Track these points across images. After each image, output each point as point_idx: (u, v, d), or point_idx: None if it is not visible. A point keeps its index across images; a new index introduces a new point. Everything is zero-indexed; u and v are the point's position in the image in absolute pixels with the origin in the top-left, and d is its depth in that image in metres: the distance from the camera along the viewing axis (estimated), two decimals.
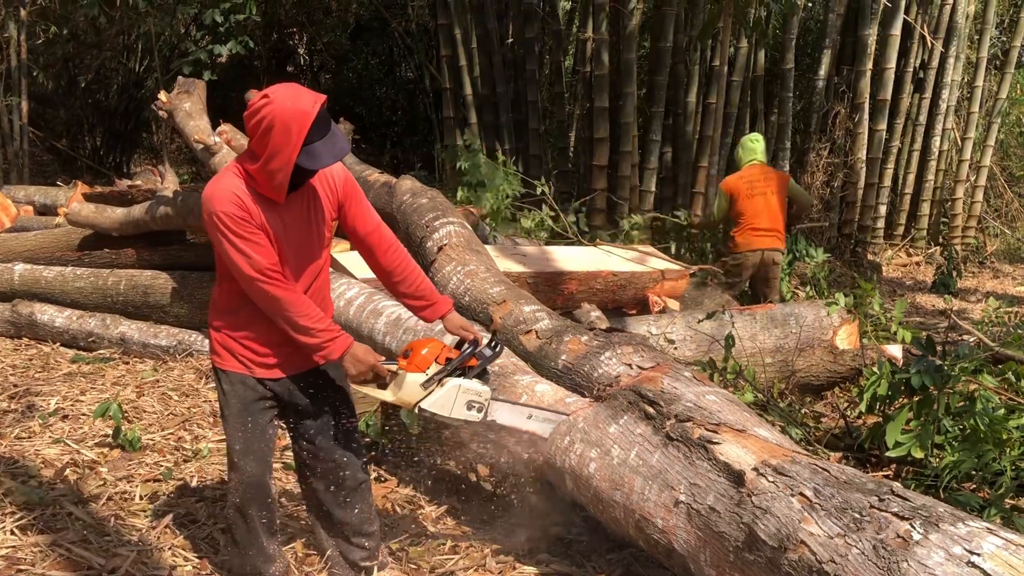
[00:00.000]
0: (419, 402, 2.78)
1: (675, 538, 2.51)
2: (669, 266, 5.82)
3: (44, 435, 4.44)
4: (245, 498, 2.83)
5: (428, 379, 2.77)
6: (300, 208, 2.71)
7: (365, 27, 14.74)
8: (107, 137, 14.95)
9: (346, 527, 3.01)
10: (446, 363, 2.80)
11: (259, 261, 2.57)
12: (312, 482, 2.99)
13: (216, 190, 2.60)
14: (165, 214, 6.05)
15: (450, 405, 2.80)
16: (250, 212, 2.58)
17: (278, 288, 2.61)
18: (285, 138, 2.47)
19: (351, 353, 2.70)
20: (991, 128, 10.90)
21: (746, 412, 2.96)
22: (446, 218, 4.93)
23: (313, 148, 2.51)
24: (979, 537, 1.89)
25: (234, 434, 2.81)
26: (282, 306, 2.62)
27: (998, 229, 11.54)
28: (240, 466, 2.81)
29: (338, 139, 2.57)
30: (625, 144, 9.32)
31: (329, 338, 2.66)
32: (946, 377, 3.55)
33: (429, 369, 2.78)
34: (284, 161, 2.50)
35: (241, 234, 2.56)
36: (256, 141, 2.53)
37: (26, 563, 3.08)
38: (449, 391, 2.80)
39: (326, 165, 2.58)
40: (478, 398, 2.84)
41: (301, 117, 2.47)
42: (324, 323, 2.67)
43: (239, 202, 2.56)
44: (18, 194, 9.39)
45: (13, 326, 6.46)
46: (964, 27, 10.45)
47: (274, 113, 2.47)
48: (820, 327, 4.98)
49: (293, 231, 2.69)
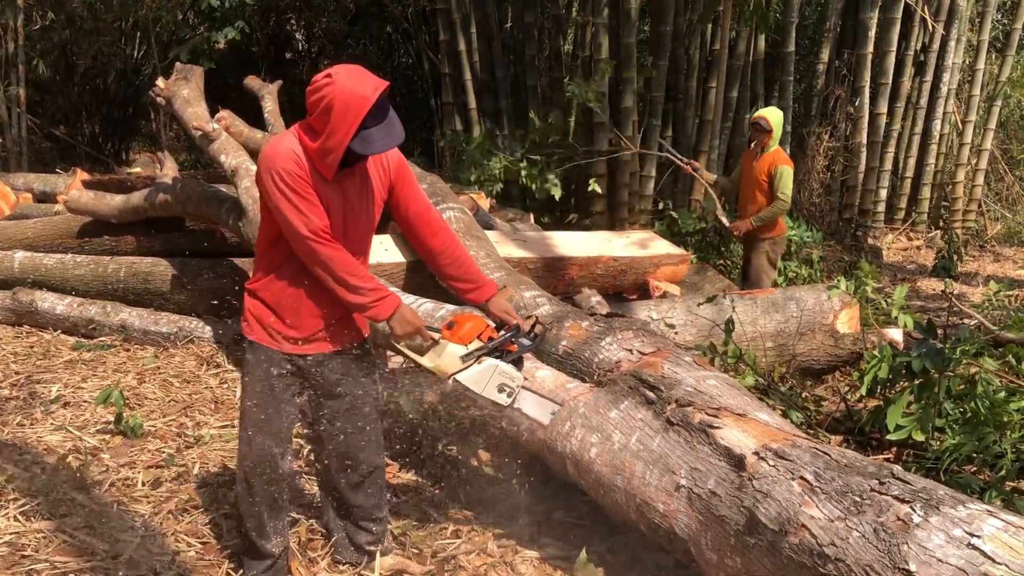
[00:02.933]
0: (455, 373, 2.80)
1: (676, 522, 2.52)
2: (670, 251, 5.82)
3: (46, 422, 4.45)
4: (252, 470, 2.84)
5: (468, 353, 2.80)
6: (353, 187, 2.73)
7: (363, 12, 14.66)
8: (105, 124, 14.90)
9: (356, 510, 3.03)
10: (488, 342, 2.83)
11: (313, 221, 2.59)
12: (328, 463, 3.01)
13: (278, 148, 2.62)
14: (164, 201, 6.05)
15: (484, 383, 2.83)
16: (307, 174, 2.60)
17: (329, 247, 2.62)
18: (342, 120, 2.49)
19: (399, 313, 2.73)
20: (992, 111, 10.86)
21: (747, 396, 2.97)
22: (446, 203, 4.93)
23: (368, 133, 2.53)
24: (979, 519, 1.90)
25: (251, 404, 2.82)
26: (334, 266, 2.63)
27: (999, 212, 11.52)
28: (254, 440, 2.82)
29: (394, 126, 2.59)
30: (625, 129, 9.30)
31: (378, 297, 2.69)
32: (947, 360, 3.55)
33: (471, 344, 2.81)
34: (338, 142, 2.52)
35: (299, 191, 2.58)
36: (315, 118, 2.56)
37: (30, 549, 3.09)
38: (486, 369, 2.82)
39: (379, 152, 2.61)
40: (511, 383, 2.87)
41: (360, 102, 2.49)
42: (373, 283, 2.69)
43: (299, 161, 2.59)
44: (17, 182, 9.36)
45: (14, 314, 6.46)
46: (965, 10, 10.39)
47: (334, 94, 2.49)
48: (821, 311, 4.98)
49: (344, 208, 2.71)
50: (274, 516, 2.93)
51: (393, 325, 2.74)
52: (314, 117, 2.56)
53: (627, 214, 9.51)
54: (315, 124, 2.57)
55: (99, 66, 14.67)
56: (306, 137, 2.60)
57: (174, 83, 6.50)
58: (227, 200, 5.48)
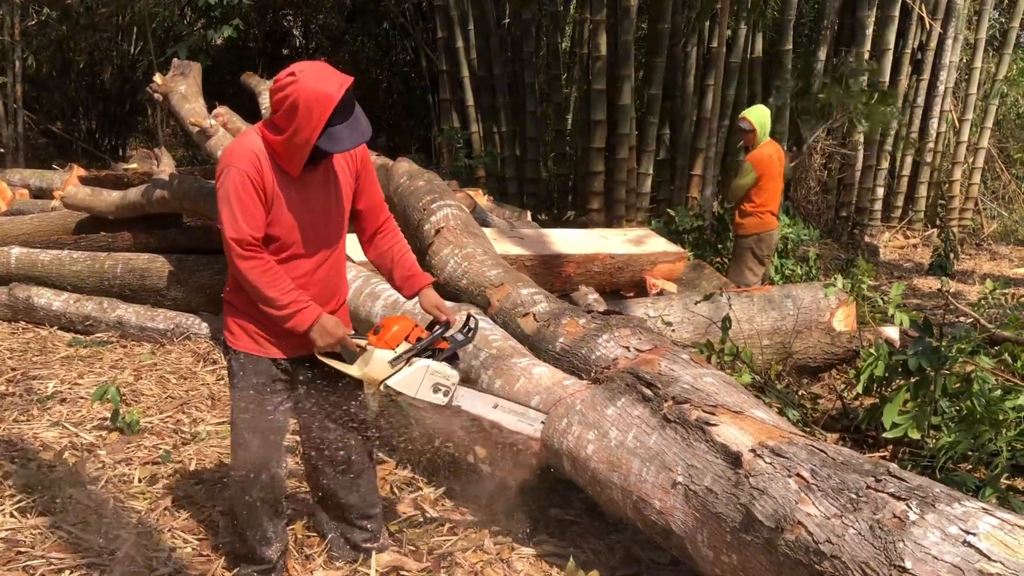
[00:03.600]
0: (385, 379, 2.74)
1: (673, 519, 2.52)
2: (666, 248, 5.82)
3: (42, 418, 4.44)
4: (248, 478, 2.82)
5: (396, 357, 2.73)
6: (320, 182, 2.71)
7: (361, 8, 14.64)
8: (102, 120, 14.89)
9: (350, 509, 3.02)
10: (416, 342, 2.76)
11: (243, 229, 2.55)
12: (318, 464, 3.00)
13: (237, 146, 2.61)
14: (161, 197, 6.04)
15: (416, 385, 2.76)
16: (263, 178, 2.57)
17: (250, 258, 2.58)
18: (307, 119, 2.47)
19: (320, 324, 2.66)
20: (989, 110, 10.88)
21: (743, 394, 2.97)
22: (443, 201, 4.92)
23: (335, 131, 2.51)
24: (975, 517, 1.90)
25: (241, 413, 2.80)
26: (252, 275, 2.59)
27: (995, 211, 11.54)
28: (246, 445, 2.80)
29: (360, 123, 2.57)
30: (623, 126, 9.30)
31: (297, 308, 2.63)
32: (943, 359, 3.56)
33: (398, 347, 2.74)
34: (304, 140, 2.50)
35: (243, 197, 2.55)
36: (279, 116, 2.53)
37: (26, 545, 3.09)
38: (416, 371, 2.76)
39: (346, 150, 2.58)
40: (445, 381, 2.80)
41: (325, 100, 2.46)
42: (293, 295, 2.63)
43: (256, 164, 2.57)
44: (14, 177, 9.35)
45: (10, 310, 6.45)
46: (963, 8, 10.40)
47: (298, 92, 2.47)
48: (817, 309, 4.99)
49: (312, 204, 2.70)
50: (274, 522, 2.92)
51: (314, 337, 2.67)
52: (279, 115, 2.53)
53: (624, 211, 9.52)
54: (279, 122, 2.54)
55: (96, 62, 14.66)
56: (270, 135, 2.57)
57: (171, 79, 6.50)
58: None
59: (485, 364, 3.43)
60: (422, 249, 4.75)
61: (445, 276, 4.46)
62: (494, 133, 10.43)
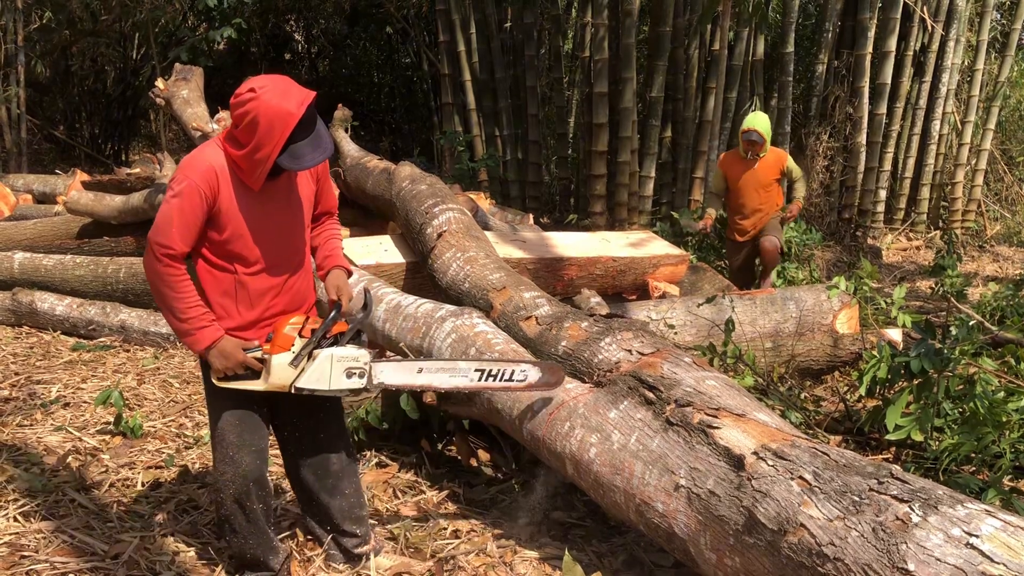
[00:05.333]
0: (293, 382, 2.64)
1: (675, 522, 2.52)
2: (669, 251, 5.82)
3: (46, 423, 4.45)
4: (243, 491, 2.77)
5: (296, 357, 2.62)
6: (282, 194, 2.69)
7: (362, 13, 14.68)
8: (105, 125, 14.92)
9: (334, 514, 3.00)
10: (311, 335, 2.65)
11: (174, 238, 2.51)
12: (299, 470, 2.98)
13: (197, 157, 2.58)
14: None
15: (327, 378, 2.64)
16: (219, 193, 2.55)
17: (166, 265, 2.53)
18: (267, 136, 2.46)
19: (218, 347, 2.59)
20: (991, 111, 10.87)
21: (746, 397, 2.97)
22: (445, 204, 4.92)
23: (296, 148, 2.50)
24: (978, 519, 1.90)
25: (228, 427, 2.75)
26: (162, 282, 2.54)
27: (998, 212, 11.52)
28: (236, 459, 2.75)
29: (322, 139, 2.55)
30: (625, 130, 9.31)
31: (198, 326, 2.57)
32: (946, 360, 3.56)
33: (294, 346, 2.64)
34: (265, 156, 2.49)
35: (184, 204, 2.52)
36: (240, 131, 2.51)
37: (29, 549, 3.09)
38: (321, 363, 2.63)
39: (307, 167, 2.56)
40: (356, 363, 2.67)
41: (285, 118, 2.45)
42: (198, 311, 2.58)
43: (214, 179, 2.54)
44: (17, 183, 9.38)
45: (13, 314, 6.47)
46: (964, 10, 10.40)
47: (258, 110, 2.45)
48: (820, 311, 4.99)
49: (273, 217, 2.67)
50: (273, 530, 2.92)
51: (212, 360, 2.61)
52: (239, 130, 2.51)
53: (626, 214, 9.52)
54: (240, 137, 2.52)
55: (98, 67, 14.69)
56: (231, 149, 2.55)
57: (173, 84, 6.50)
58: None
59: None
60: (425, 253, 4.75)
61: (447, 280, 4.46)
62: (496, 136, 10.44)
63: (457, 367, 2.88)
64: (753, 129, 6.59)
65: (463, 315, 3.79)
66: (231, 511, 2.81)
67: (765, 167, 6.75)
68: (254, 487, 2.79)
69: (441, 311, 3.88)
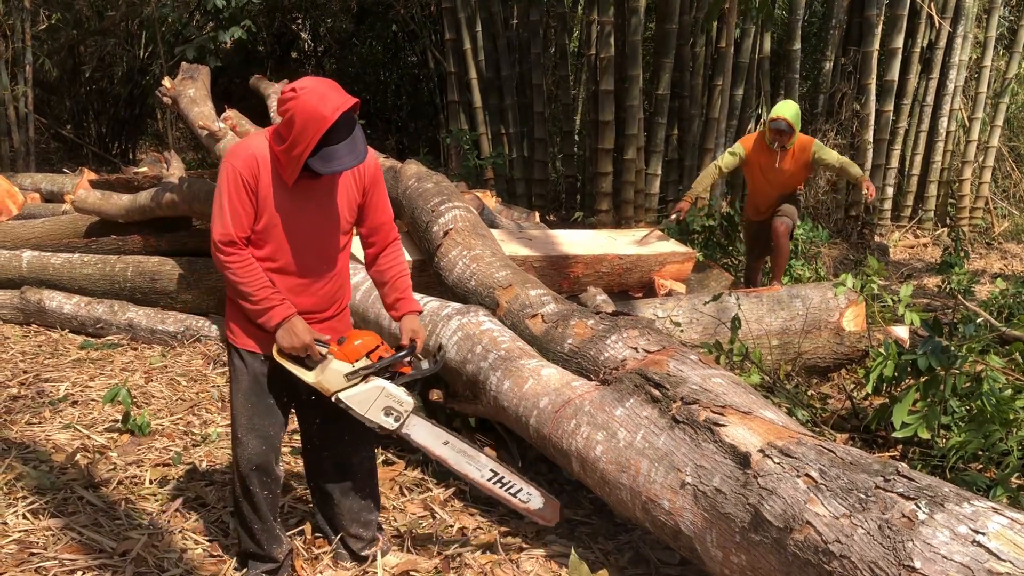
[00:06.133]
0: (338, 392, 2.72)
1: (681, 519, 2.52)
2: (675, 249, 5.82)
3: (54, 421, 4.47)
4: (248, 473, 2.85)
5: (353, 371, 2.70)
6: (320, 194, 2.73)
7: (369, 11, 14.68)
8: (112, 124, 14.95)
9: (345, 515, 3.03)
10: (377, 361, 2.73)
11: (228, 227, 2.61)
12: (320, 465, 3.01)
13: (242, 146, 2.67)
14: (171, 200, 6.07)
15: (367, 404, 2.73)
16: (259, 180, 2.62)
17: (233, 257, 2.63)
18: (301, 136, 2.52)
19: (289, 324, 2.68)
20: (999, 108, 10.81)
21: (752, 394, 2.97)
22: (451, 202, 4.93)
23: (329, 151, 2.54)
24: (984, 516, 1.90)
25: (240, 410, 2.84)
26: (230, 272, 2.64)
27: (1006, 209, 11.47)
28: (244, 442, 2.83)
29: (357, 146, 2.58)
30: (631, 127, 9.29)
31: (269, 306, 2.66)
32: (953, 358, 3.55)
33: (357, 362, 2.71)
34: (298, 155, 2.55)
35: (235, 195, 2.61)
36: (282, 126, 2.59)
37: (38, 547, 3.11)
38: (371, 390, 2.73)
39: (336, 171, 2.60)
40: (398, 407, 2.77)
41: (319, 121, 2.50)
42: (267, 291, 2.66)
43: (254, 166, 2.62)
44: (25, 182, 9.41)
45: (22, 313, 6.50)
46: (972, 6, 10.35)
47: (296, 109, 2.52)
48: (827, 309, 4.98)
49: (306, 217, 2.72)
50: (278, 520, 2.95)
51: (279, 336, 2.69)
52: (282, 125, 2.59)
53: (633, 212, 9.51)
54: (282, 132, 2.60)
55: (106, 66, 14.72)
56: (274, 142, 2.63)
57: (180, 83, 6.52)
58: None
59: (494, 366, 3.43)
60: (431, 251, 4.76)
61: (454, 278, 4.46)
62: (502, 134, 10.44)
63: (478, 459, 2.97)
64: (781, 118, 6.07)
65: (469, 313, 3.80)
66: (239, 494, 2.90)
67: (789, 158, 6.27)
68: (256, 473, 2.85)
69: (447, 309, 3.89)
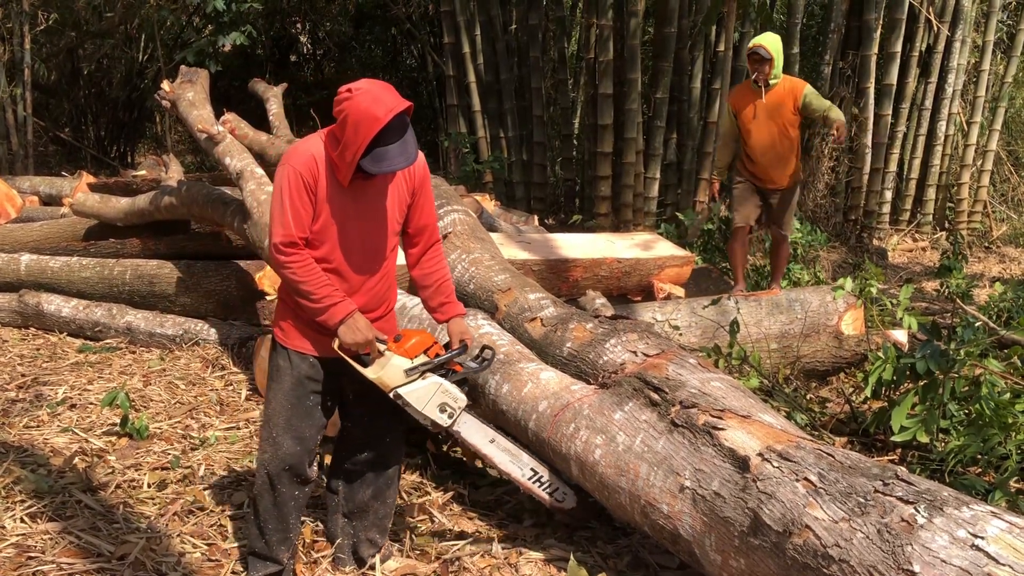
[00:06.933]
0: (398, 387, 2.78)
1: (681, 523, 2.52)
2: (674, 252, 5.82)
3: (52, 424, 4.46)
4: (278, 473, 2.85)
5: (413, 367, 2.77)
6: (374, 194, 2.76)
7: (368, 15, 14.70)
8: (111, 127, 14.95)
9: (371, 516, 3.05)
10: (434, 358, 2.81)
11: (289, 228, 2.63)
12: (355, 464, 3.03)
13: (300, 147, 2.70)
14: (170, 204, 6.06)
15: (425, 400, 2.80)
16: (317, 181, 2.65)
17: (293, 260, 2.65)
18: (354, 136, 2.54)
19: (351, 319, 2.70)
20: (997, 112, 10.83)
21: (751, 398, 2.97)
22: (450, 206, 4.92)
23: (381, 152, 2.56)
24: (983, 520, 1.90)
25: (279, 409, 2.84)
26: (289, 272, 2.66)
27: (1004, 213, 11.49)
28: (279, 442, 2.84)
29: (408, 148, 2.60)
30: (630, 131, 9.31)
31: (331, 303, 2.68)
32: (951, 362, 3.55)
33: (416, 359, 2.78)
34: (351, 156, 2.57)
35: (295, 195, 2.63)
36: (336, 127, 2.62)
37: (36, 550, 3.10)
38: (429, 386, 2.80)
39: (386, 172, 2.62)
40: (453, 403, 2.85)
41: (371, 122, 2.52)
42: (328, 289, 2.69)
43: (314, 167, 2.65)
44: (23, 184, 9.39)
45: (20, 316, 6.49)
46: (970, 10, 10.37)
47: (349, 110, 2.55)
48: (825, 312, 4.98)
49: (361, 216, 2.75)
50: (295, 523, 2.95)
51: (342, 331, 2.71)
52: (336, 126, 2.63)
53: (631, 216, 9.52)
54: (336, 132, 2.63)
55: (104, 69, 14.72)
56: (329, 143, 2.66)
57: (179, 86, 6.51)
58: (232, 203, 5.49)
59: (493, 369, 3.43)
60: None
61: (452, 281, 4.46)
62: (501, 138, 10.44)
63: (521, 457, 3.11)
64: (759, 45, 5.59)
65: (468, 316, 3.79)
66: (261, 491, 2.89)
67: (776, 98, 5.73)
68: (288, 473, 2.86)
69: None
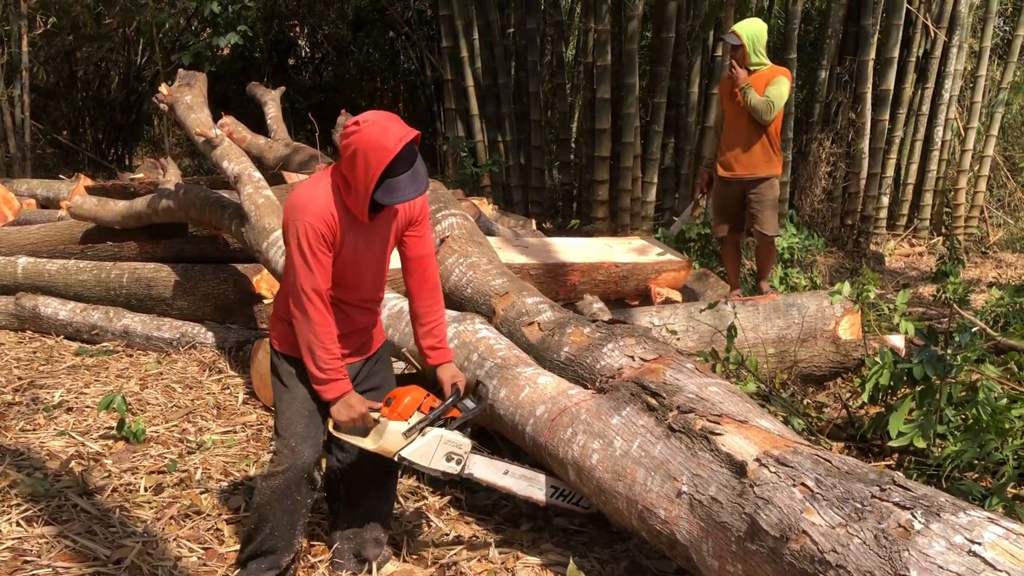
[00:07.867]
0: (400, 451, 2.80)
1: (678, 529, 2.52)
2: (671, 257, 5.82)
3: (49, 427, 4.46)
4: (297, 481, 2.84)
5: (410, 428, 2.79)
6: (383, 227, 2.79)
7: (366, 18, 14.71)
8: (108, 130, 14.95)
9: (375, 515, 3.06)
10: (429, 412, 2.82)
11: (317, 281, 2.64)
12: (356, 469, 3.03)
13: (311, 199, 2.65)
14: (167, 207, 6.06)
15: (430, 455, 2.82)
16: (334, 231, 2.65)
17: (318, 312, 2.66)
18: (365, 170, 2.55)
19: (345, 399, 2.74)
20: (994, 117, 10.85)
21: (748, 403, 2.97)
22: (448, 210, 4.93)
23: (392, 183, 2.57)
24: (980, 526, 1.90)
25: (296, 417, 2.84)
26: (311, 329, 2.66)
27: (1001, 219, 11.51)
28: (299, 450, 2.83)
29: (419, 176, 2.62)
30: (627, 135, 9.32)
31: (333, 379, 2.72)
32: (948, 367, 3.55)
33: (411, 418, 2.80)
34: (364, 190, 2.58)
35: (316, 252, 2.62)
36: (344, 163, 2.61)
37: (32, 554, 3.10)
38: (430, 441, 2.82)
39: (398, 202, 2.63)
40: (458, 450, 2.87)
41: (382, 153, 2.53)
42: (336, 363, 2.72)
43: (329, 220, 2.63)
44: (21, 187, 9.39)
45: (17, 319, 6.48)
46: (967, 16, 10.39)
47: (358, 143, 2.55)
48: (823, 317, 4.98)
49: (371, 244, 2.77)
50: (302, 529, 2.95)
51: (336, 410, 2.75)
52: (343, 162, 2.62)
53: (629, 220, 9.52)
54: (345, 170, 2.62)
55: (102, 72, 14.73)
56: (341, 183, 2.65)
57: (177, 89, 6.52)
58: (230, 206, 5.49)
59: (490, 373, 3.43)
60: None
61: (450, 285, 4.46)
62: (499, 142, 10.45)
63: (537, 479, 3.12)
64: (732, 31, 5.43)
65: (465, 321, 3.79)
66: (271, 500, 2.85)
67: (753, 83, 5.47)
68: (306, 481, 2.86)
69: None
